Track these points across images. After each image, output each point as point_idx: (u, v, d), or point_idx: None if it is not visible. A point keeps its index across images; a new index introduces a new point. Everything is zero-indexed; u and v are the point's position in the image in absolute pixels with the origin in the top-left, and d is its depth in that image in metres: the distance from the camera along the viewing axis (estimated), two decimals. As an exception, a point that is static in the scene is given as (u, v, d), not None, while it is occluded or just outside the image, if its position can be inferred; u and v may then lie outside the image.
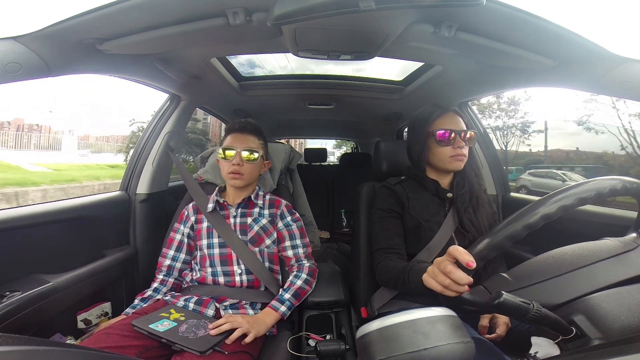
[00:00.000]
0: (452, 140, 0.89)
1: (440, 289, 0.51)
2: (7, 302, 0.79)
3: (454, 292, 0.50)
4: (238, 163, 1.01)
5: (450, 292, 0.50)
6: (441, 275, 0.51)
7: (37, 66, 0.70)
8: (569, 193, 0.48)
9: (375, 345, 0.35)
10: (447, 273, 0.49)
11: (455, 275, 0.48)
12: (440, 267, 0.51)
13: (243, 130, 1.07)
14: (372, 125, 2.46)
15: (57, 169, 8.36)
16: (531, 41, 0.79)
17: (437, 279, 0.52)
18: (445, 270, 0.50)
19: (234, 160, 1.01)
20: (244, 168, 1.02)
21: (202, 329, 0.81)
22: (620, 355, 0.29)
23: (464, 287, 0.49)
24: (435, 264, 0.54)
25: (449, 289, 0.50)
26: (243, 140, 1.04)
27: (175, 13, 0.73)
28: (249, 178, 1.04)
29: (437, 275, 0.52)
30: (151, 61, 1.00)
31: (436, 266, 0.53)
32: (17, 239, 0.91)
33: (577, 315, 0.42)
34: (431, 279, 0.54)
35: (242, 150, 1.02)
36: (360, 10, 0.60)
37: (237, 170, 1.01)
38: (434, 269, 0.54)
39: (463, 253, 0.48)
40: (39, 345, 0.27)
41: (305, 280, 1.03)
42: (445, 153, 0.90)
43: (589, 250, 0.52)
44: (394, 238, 0.91)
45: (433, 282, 0.53)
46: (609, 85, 0.80)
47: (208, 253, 1.02)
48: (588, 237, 0.57)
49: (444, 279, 0.50)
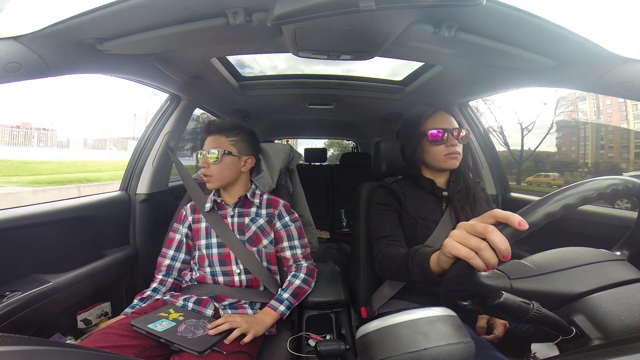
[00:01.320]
0: (445, 139, 0.90)
1: (468, 254, 0.42)
2: (7, 302, 0.79)
3: (483, 263, 0.41)
4: (203, 165, 1.02)
5: (478, 261, 0.41)
6: (473, 238, 0.42)
7: (37, 66, 0.70)
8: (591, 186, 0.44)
9: (375, 345, 0.35)
10: (486, 233, 0.41)
11: (496, 237, 0.40)
12: (475, 228, 0.43)
13: (208, 131, 1.06)
14: (372, 125, 2.46)
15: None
16: (531, 41, 0.79)
17: (469, 242, 0.42)
18: (482, 231, 0.41)
19: (201, 163, 1.03)
20: (210, 170, 1.01)
21: (200, 329, 0.81)
22: (620, 355, 0.29)
23: (502, 254, 0.40)
24: (464, 226, 0.45)
25: (481, 254, 0.41)
26: (209, 141, 1.04)
27: (175, 13, 0.73)
28: (220, 179, 1.03)
29: (469, 239, 0.43)
30: (151, 61, 1.00)
31: (465, 228, 0.45)
32: (17, 239, 0.91)
33: (577, 315, 0.42)
34: (457, 243, 0.44)
35: (206, 152, 1.02)
36: (360, 10, 0.60)
37: (205, 172, 1.02)
38: (461, 231, 0.45)
39: (511, 214, 0.40)
40: (39, 345, 0.27)
41: (304, 280, 1.03)
42: (439, 152, 0.91)
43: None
44: (394, 228, 0.91)
45: (460, 246, 0.43)
46: (609, 85, 0.80)
47: (206, 253, 1.02)
48: (588, 236, 0.57)
49: (478, 241, 0.41)
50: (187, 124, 1.53)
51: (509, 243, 0.40)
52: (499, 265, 0.42)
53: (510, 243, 0.40)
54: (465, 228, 0.45)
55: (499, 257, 0.40)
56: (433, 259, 0.57)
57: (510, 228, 0.40)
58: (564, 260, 0.48)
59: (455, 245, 0.44)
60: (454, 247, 0.44)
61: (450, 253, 0.45)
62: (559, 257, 0.49)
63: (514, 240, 0.40)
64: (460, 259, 0.43)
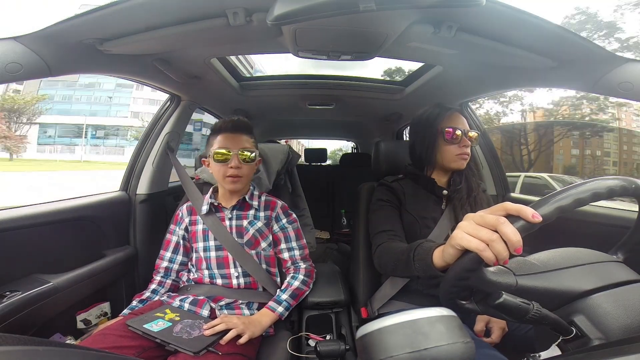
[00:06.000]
0: (458, 139, 0.90)
1: (478, 246, 0.40)
2: (7, 302, 0.79)
3: (493, 256, 0.39)
4: (237, 166, 0.96)
5: (489, 254, 0.39)
6: (484, 229, 0.41)
7: (37, 66, 0.70)
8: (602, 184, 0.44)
9: (376, 345, 0.35)
10: (498, 225, 0.39)
11: (508, 228, 0.38)
12: (486, 220, 0.41)
13: (236, 129, 1.00)
14: (372, 125, 2.46)
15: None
16: (531, 41, 0.79)
17: (479, 233, 0.41)
18: (494, 222, 0.40)
19: (232, 163, 0.95)
20: (243, 170, 0.97)
21: (196, 329, 0.81)
22: (620, 355, 0.29)
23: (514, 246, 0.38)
24: (473, 218, 0.43)
25: (492, 246, 0.39)
26: (237, 140, 0.99)
27: (176, 13, 0.73)
28: (247, 180, 1.02)
29: (479, 230, 0.41)
30: (151, 61, 1.00)
31: (474, 220, 0.43)
32: (17, 239, 0.91)
33: (577, 315, 0.42)
34: (467, 234, 0.42)
35: (238, 152, 0.97)
36: (361, 11, 0.60)
37: (237, 173, 0.96)
38: (470, 223, 0.43)
39: (523, 206, 0.39)
40: (39, 345, 0.27)
41: (303, 281, 1.02)
42: (452, 152, 0.91)
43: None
44: (395, 224, 0.91)
45: (470, 238, 0.42)
46: (609, 85, 0.80)
47: (204, 256, 1.01)
48: (588, 237, 0.57)
49: (489, 233, 0.40)
50: (187, 124, 1.53)
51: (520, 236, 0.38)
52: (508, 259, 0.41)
53: (522, 237, 0.39)
54: (475, 219, 0.43)
55: (510, 250, 0.39)
56: (436, 253, 0.56)
57: (522, 221, 0.39)
58: (569, 259, 0.47)
59: (465, 236, 0.42)
60: (463, 238, 0.42)
61: (459, 245, 0.43)
62: (563, 255, 0.49)
63: (525, 233, 0.39)
64: (469, 252, 0.42)
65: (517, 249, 0.38)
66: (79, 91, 31.48)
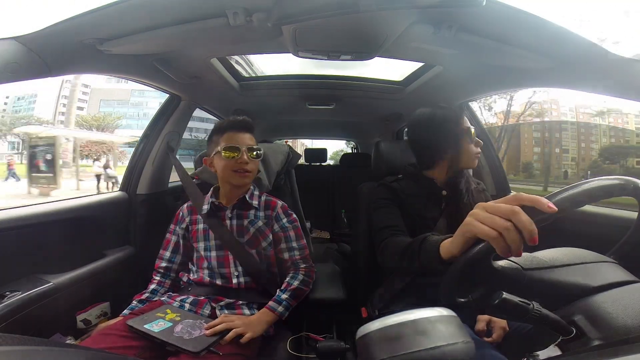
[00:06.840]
0: (475, 138, 0.91)
1: (491, 233, 0.39)
2: (7, 302, 0.79)
3: (506, 245, 0.38)
4: (246, 161, 1.00)
5: (502, 242, 0.38)
6: (497, 217, 0.39)
7: (37, 66, 0.70)
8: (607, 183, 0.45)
9: (376, 345, 0.35)
10: (512, 214, 0.38)
11: (523, 217, 0.37)
12: (499, 209, 0.40)
13: (243, 128, 1.05)
14: (372, 125, 2.46)
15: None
16: (531, 41, 0.79)
17: (493, 221, 0.39)
18: (508, 211, 0.39)
19: (241, 159, 1.00)
20: (250, 165, 1.01)
21: (197, 330, 0.80)
22: (620, 355, 0.29)
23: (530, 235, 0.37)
24: (486, 206, 0.42)
25: (506, 235, 0.38)
26: (243, 138, 1.03)
27: (176, 13, 0.73)
28: (253, 176, 1.05)
29: (493, 218, 0.40)
30: (151, 61, 1.00)
31: (487, 209, 0.41)
32: (17, 239, 0.91)
33: (577, 315, 0.42)
34: (479, 222, 0.41)
35: (247, 148, 1.01)
36: (361, 11, 0.60)
37: (245, 168, 1.00)
38: (482, 211, 0.42)
39: (538, 197, 0.38)
40: (39, 345, 0.27)
41: (303, 281, 1.02)
42: (473, 151, 0.91)
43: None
44: (398, 220, 0.90)
45: (483, 226, 0.40)
46: (609, 85, 0.80)
47: (205, 255, 1.01)
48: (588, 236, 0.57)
49: (503, 221, 0.39)
50: (187, 124, 1.53)
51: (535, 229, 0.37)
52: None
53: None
54: (488, 208, 0.41)
55: (525, 239, 0.37)
56: (444, 244, 0.55)
57: (537, 211, 0.38)
58: (574, 257, 0.47)
59: (477, 224, 0.41)
60: (476, 226, 0.41)
61: (471, 232, 0.42)
62: (568, 253, 0.49)
63: (540, 225, 0.38)
64: (480, 241, 0.40)
65: (532, 237, 0.37)
66: (132, 108, 33.87)
